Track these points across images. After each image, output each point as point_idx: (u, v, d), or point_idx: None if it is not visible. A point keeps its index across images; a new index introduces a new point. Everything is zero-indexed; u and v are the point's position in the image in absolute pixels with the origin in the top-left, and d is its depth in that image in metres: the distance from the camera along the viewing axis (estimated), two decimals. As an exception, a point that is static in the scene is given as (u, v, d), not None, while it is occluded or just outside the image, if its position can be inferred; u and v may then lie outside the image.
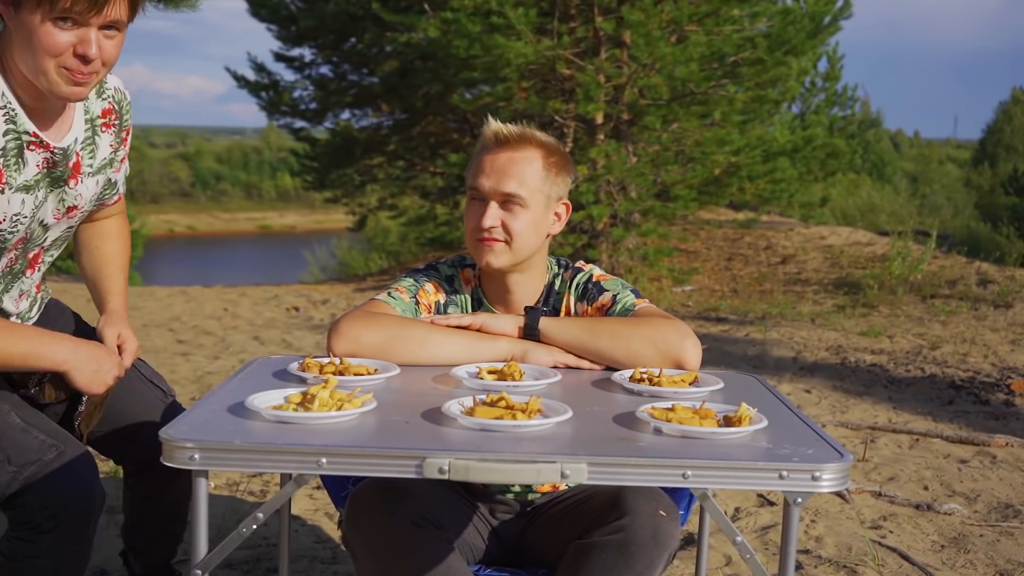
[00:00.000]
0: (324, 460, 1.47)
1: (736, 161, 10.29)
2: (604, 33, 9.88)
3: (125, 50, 1.89)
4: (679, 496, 2.21)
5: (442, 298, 2.22)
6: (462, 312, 2.22)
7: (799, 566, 3.11)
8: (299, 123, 14.03)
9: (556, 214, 2.21)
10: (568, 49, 9.71)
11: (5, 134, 1.85)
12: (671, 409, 1.67)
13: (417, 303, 2.17)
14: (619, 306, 2.17)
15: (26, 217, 1.94)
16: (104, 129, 2.07)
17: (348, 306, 9.25)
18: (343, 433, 1.57)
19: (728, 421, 1.64)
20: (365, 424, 1.63)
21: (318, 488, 3.63)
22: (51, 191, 1.98)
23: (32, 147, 1.90)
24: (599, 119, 10.06)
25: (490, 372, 1.97)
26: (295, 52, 13.88)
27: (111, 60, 1.85)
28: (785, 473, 1.46)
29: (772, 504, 3.70)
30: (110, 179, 2.14)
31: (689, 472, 1.46)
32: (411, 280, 2.22)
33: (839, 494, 3.76)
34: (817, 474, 1.46)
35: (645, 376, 1.96)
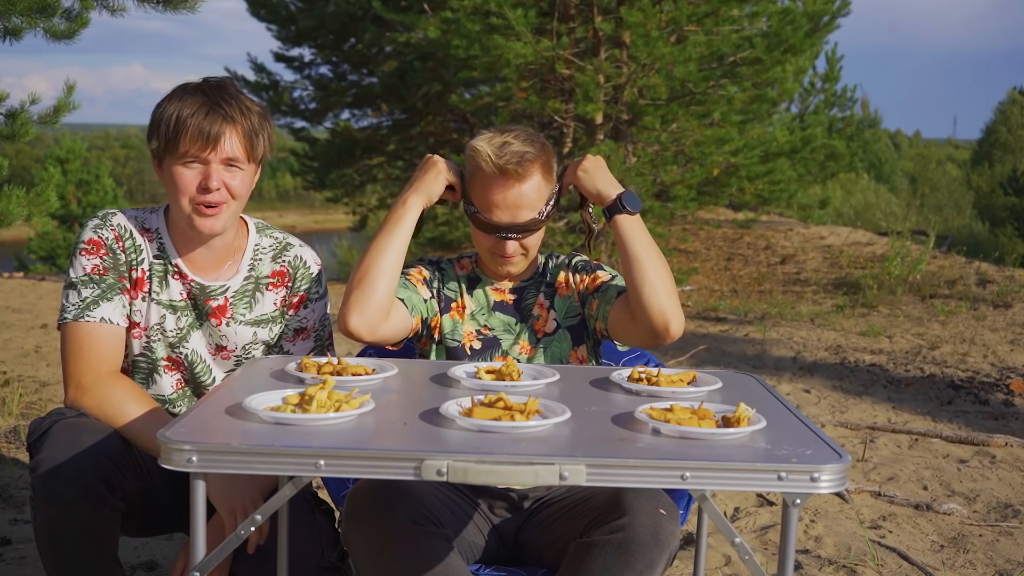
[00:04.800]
0: (322, 462, 1.47)
1: (735, 161, 10.28)
2: (603, 33, 9.88)
3: (122, 50, 1.94)
4: (678, 495, 2.21)
5: (427, 275, 2.33)
6: (452, 288, 2.33)
7: (798, 566, 3.10)
8: (299, 123, 14.03)
9: (555, 197, 2.30)
10: (567, 49, 9.71)
11: (155, 257, 2.19)
12: (669, 410, 1.67)
13: (408, 278, 2.29)
14: (615, 282, 2.29)
15: (169, 332, 2.19)
16: (271, 288, 2.28)
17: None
18: (341, 435, 1.57)
19: (726, 421, 1.64)
20: (363, 425, 1.62)
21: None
22: (197, 323, 2.22)
23: (175, 277, 2.20)
24: (598, 119, 10.06)
25: (488, 372, 1.97)
26: (295, 52, 13.88)
27: (238, 193, 2.12)
28: (784, 474, 1.46)
29: (771, 504, 3.70)
30: (277, 335, 2.29)
31: (688, 474, 1.46)
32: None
33: (839, 494, 3.76)
34: (816, 475, 1.46)
35: (643, 376, 1.96)
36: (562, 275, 2.37)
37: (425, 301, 2.29)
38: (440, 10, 9.90)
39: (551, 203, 2.27)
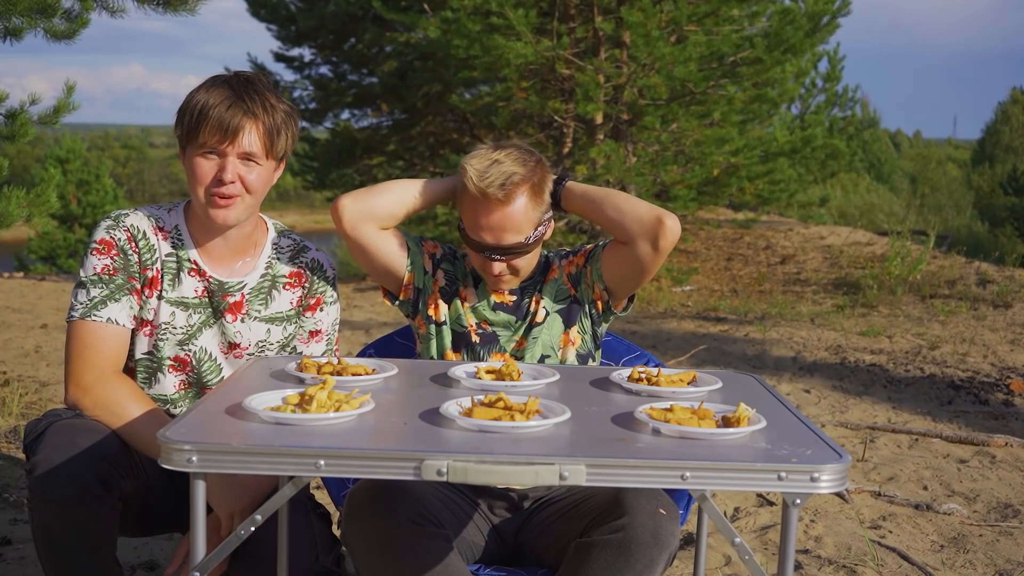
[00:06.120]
0: (322, 462, 1.47)
1: (735, 161, 10.28)
2: (603, 33, 9.88)
3: (122, 51, 1.94)
4: (678, 495, 2.21)
5: (439, 253, 2.38)
6: (458, 275, 2.36)
7: (798, 566, 3.10)
8: (299, 123, 14.00)
9: (547, 222, 2.29)
10: (567, 49, 9.70)
11: (168, 255, 2.19)
12: (669, 409, 1.67)
13: (420, 245, 2.36)
14: (601, 243, 2.33)
15: (178, 329, 2.19)
16: (287, 288, 2.30)
17: (348, 305, 9.25)
18: (341, 435, 1.57)
19: (727, 421, 1.64)
20: (363, 425, 1.62)
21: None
22: (211, 319, 2.23)
23: (192, 273, 2.20)
24: (598, 119, 10.06)
25: (488, 372, 1.97)
26: (295, 52, 13.87)
27: (254, 188, 2.13)
28: (784, 474, 1.46)
29: (771, 504, 3.70)
30: (291, 335, 2.31)
31: (688, 474, 1.46)
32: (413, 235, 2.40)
33: (839, 494, 3.76)
34: (816, 475, 1.46)
35: (643, 376, 1.96)
36: (553, 267, 2.38)
37: (425, 272, 2.33)
38: (440, 10, 9.90)
39: (541, 227, 2.23)
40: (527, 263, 2.27)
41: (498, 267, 2.23)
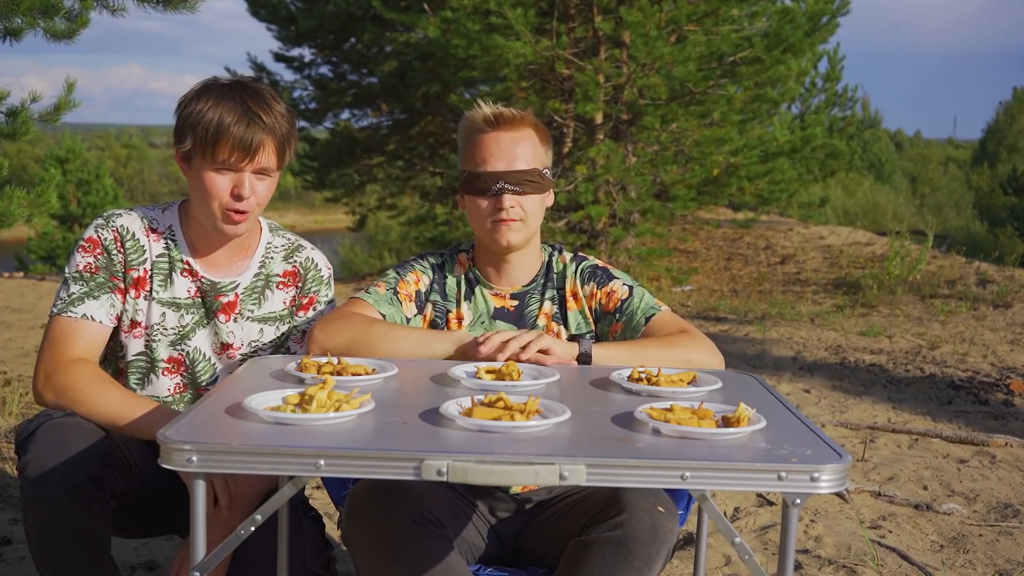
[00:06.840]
0: (322, 462, 1.46)
1: (735, 161, 10.29)
2: (603, 33, 9.89)
3: (120, 51, 1.94)
4: (678, 495, 2.21)
5: (423, 286, 2.27)
6: (449, 296, 2.28)
7: (798, 566, 3.10)
8: (299, 123, 14.01)
9: (550, 177, 2.28)
10: (567, 49, 9.71)
11: (160, 255, 2.19)
12: (669, 409, 1.67)
13: (396, 293, 2.24)
14: (640, 303, 2.23)
15: (169, 329, 2.19)
16: (280, 287, 2.30)
17: (347, 306, 9.26)
18: (341, 435, 1.57)
19: (727, 421, 1.64)
20: (363, 425, 1.62)
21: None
22: (203, 320, 2.23)
23: (184, 274, 2.21)
24: (598, 119, 10.06)
25: (488, 372, 1.97)
26: (295, 52, 13.89)
27: (264, 199, 2.16)
28: (784, 474, 1.46)
29: (771, 504, 3.70)
30: (284, 335, 2.31)
31: (688, 473, 1.45)
32: (393, 273, 2.30)
33: (839, 494, 3.76)
34: (816, 475, 1.46)
35: (643, 375, 1.96)
36: (570, 284, 2.30)
37: (408, 320, 2.24)
38: (440, 10, 9.91)
39: (547, 171, 2.23)
40: (535, 207, 2.20)
41: (509, 200, 2.16)
